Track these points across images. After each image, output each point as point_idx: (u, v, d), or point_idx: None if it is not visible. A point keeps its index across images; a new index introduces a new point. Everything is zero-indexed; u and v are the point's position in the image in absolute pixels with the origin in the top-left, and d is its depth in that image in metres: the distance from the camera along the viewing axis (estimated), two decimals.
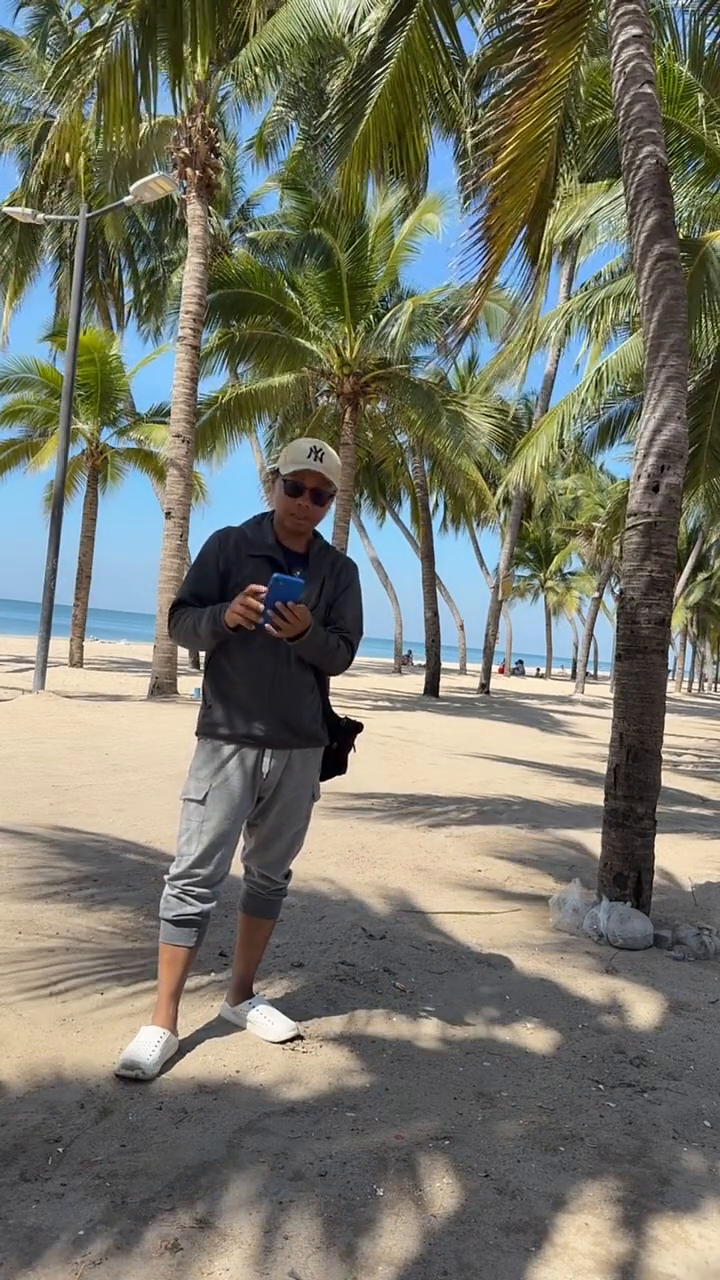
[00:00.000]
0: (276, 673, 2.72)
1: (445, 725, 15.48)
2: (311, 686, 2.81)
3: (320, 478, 2.69)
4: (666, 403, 4.53)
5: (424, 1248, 1.92)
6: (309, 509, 2.72)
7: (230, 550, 2.76)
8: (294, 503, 2.71)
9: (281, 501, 2.74)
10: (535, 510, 33.83)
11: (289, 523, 2.76)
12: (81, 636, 22.01)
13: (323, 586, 2.79)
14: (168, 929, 2.71)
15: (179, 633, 2.76)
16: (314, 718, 2.83)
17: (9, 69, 19.40)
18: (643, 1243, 2.02)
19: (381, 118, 7.15)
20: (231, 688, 2.74)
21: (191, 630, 2.69)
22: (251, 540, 2.78)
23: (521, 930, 4.22)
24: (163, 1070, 2.57)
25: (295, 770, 2.80)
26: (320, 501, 2.72)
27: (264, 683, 2.72)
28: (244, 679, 2.73)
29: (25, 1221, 1.89)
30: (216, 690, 2.77)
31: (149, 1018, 2.80)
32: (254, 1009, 2.89)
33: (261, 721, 2.72)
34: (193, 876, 2.68)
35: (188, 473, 14.88)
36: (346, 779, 3.36)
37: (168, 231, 22.68)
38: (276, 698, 2.73)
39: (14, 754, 8.05)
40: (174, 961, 2.71)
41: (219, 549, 2.77)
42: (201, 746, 2.77)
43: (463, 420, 18.25)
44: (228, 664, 2.75)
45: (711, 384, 11.15)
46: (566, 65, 5.85)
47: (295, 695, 2.76)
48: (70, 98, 9.93)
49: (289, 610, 2.49)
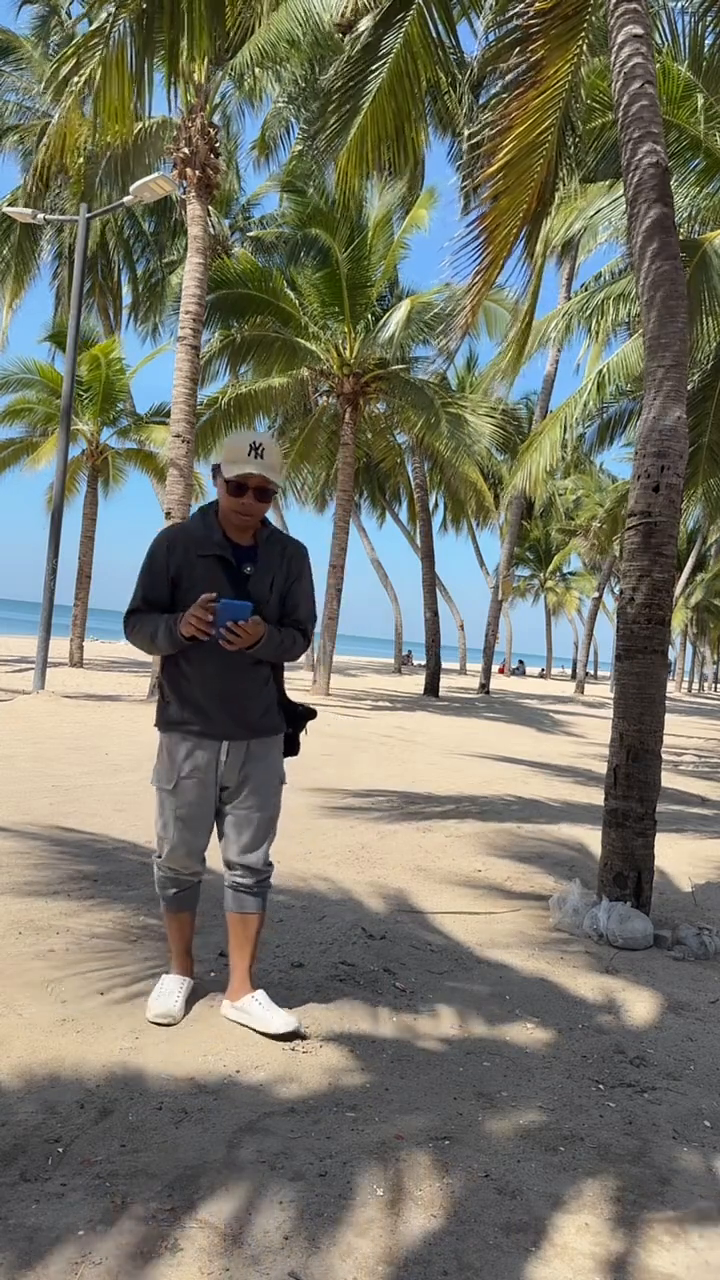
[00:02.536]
0: (230, 673, 2.81)
1: (445, 725, 15.48)
2: (266, 680, 2.91)
3: (261, 478, 2.74)
4: (666, 402, 4.53)
5: (424, 1248, 1.92)
6: (252, 506, 2.78)
7: (179, 553, 2.81)
8: (238, 501, 2.76)
9: (225, 500, 2.79)
10: (535, 510, 33.87)
11: (235, 520, 2.80)
12: (81, 636, 21.99)
13: (274, 580, 2.86)
14: (167, 902, 3.01)
15: (137, 640, 2.85)
16: (268, 709, 2.92)
17: (9, 69, 19.36)
18: (643, 1242, 2.02)
19: (379, 112, 7.15)
20: (188, 685, 2.84)
21: (149, 639, 2.79)
22: (199, 539, 2.82)
23: (521, 930, 4.22)
24: (163, 1068, 2.57)
25: (256, 758, 2.89)
26: (264, 498, 2.78)
27: (218, 680, 2.81)
28: (198, 677, 2.82)
29: (25, 1221, 1.89)
30: (173, 688, 2.88)
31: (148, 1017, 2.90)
32: (254, 1003, 2.93)
33: (217, 717, 2.82)
34: (176, 855, 2.92)
35: (188, 473, 14.87)
36: (347, 778, 3.37)
37: (167, 231, 22.67)
38: (230, 694, 2.82)
39: (14, 754, 8.05)
40: (180, 925, 3.04)
41: (167, 554, 2.83)
42: (165, 740, 2.90)
43: (463, 422, 18.23)
44: (184, 662, 2.84)
45: (711, 384, 11.16)
46: (565, 66, 5.86)
47: (249, 691, 2.86)
48: (67, 96, 9.89)
49: (239, 627, 2.61)
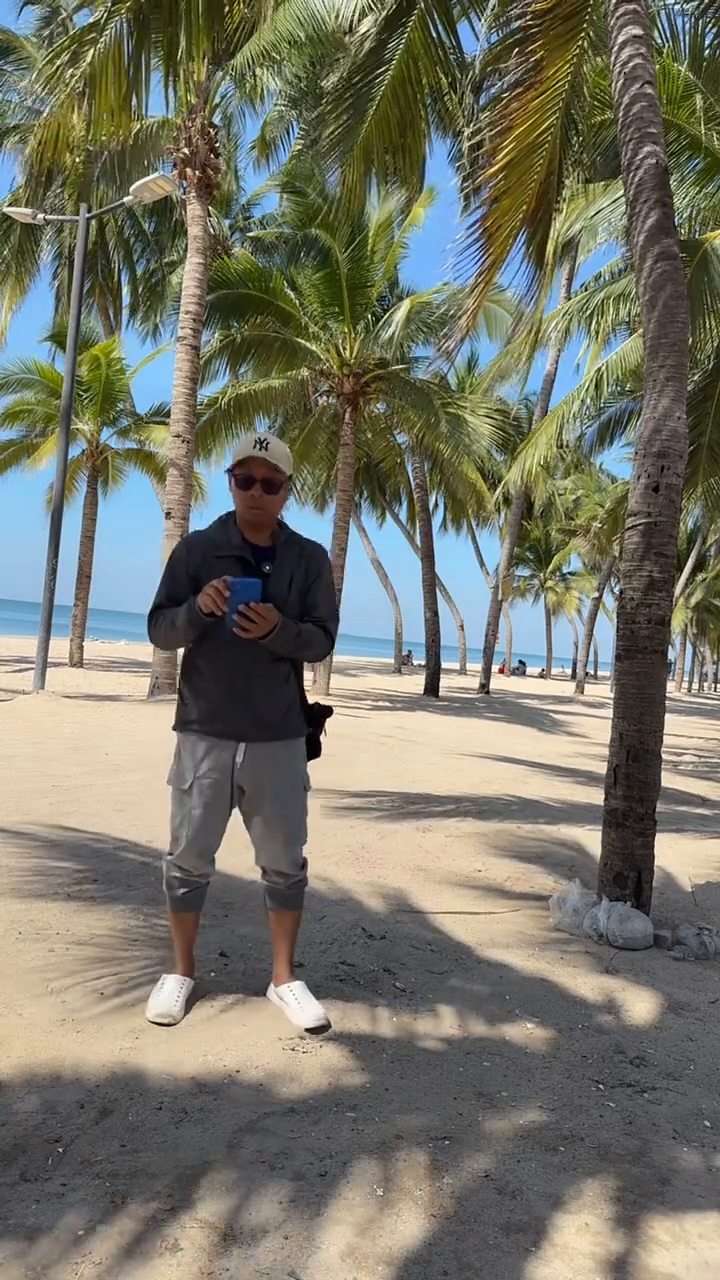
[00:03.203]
0: (248, 669, 2.79)
1: (445, 725, 15.48)
2: (285, 678, 2.88)
3: (267, 466, 2.74)
4: (666, 402, 4.53)
5: (424, 1248, 1.92)
6: (262, 499, 2.77)
7: (198, 555, 2.84)
8: (247, 495, 2.77)
9: (237, 497, 2.80)
10: (535, 510, 33.84)
11: (248, 516, 2.81)
12: (81, 636, 21.99)
13: (292, 578, 2.84)
14: (174, 901, 3.00)
15: (158, 633, 2.85)
16: (288, 710, 2.90)
17: (10, 68, 19.35)
18: (642, 1242, 2.02)
19: (382, 117, 7.16)
20: (204, 684, 2.84)
21: (170, 625, 2.79)
22: (217, 542, 2.85)
23: (521, 930, 4.22)
24: (163, 1068, 2.57)
25: (277, 761, 2.87)
26: (272, 490, 2.77)
27: (235, 679, 2.80)
28: (216, 676, 2.82)
29: (25, 1221, 1.89)
30: (191, 687, 2.88)
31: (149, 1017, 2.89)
32: (290, 993, 3.00)
33: (234, 717, 2.81)
34: (188, 855, 2.92)
35: (188, 473, 14.87)
36: (347, 778, 3.37)
37: (167, 231, 22.66)
38: (248, 693, 2.81)
39: (14, 754, 8.05)
40: (184, 926, 3.03)
41: (186, 555, 2.87)
42: (181, 740, 2.90)
43: (462, 423, 18.23)
44: (201, 662, 2.84)
45: (711, 384, 11.16)
46: (565, 66, 5.86)
47: (268, 690, 2.83)
48: (61, 89, 9.84)
49: (253, 611, 2.57)
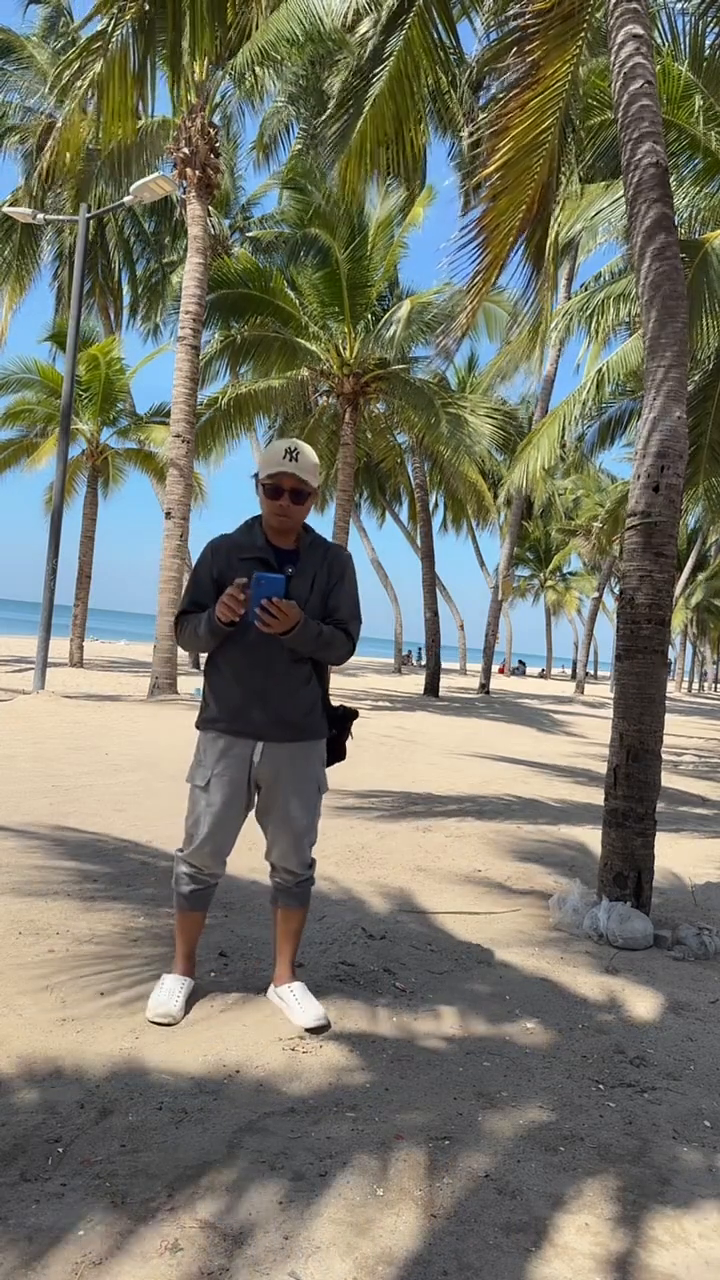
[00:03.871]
0: (269, 668, 2.82)
1: (445, 725, 15.48)
2: (307, 679, 2.90)
3: (296, 478, 2.78)
4: (666, 402, 4.53)
5: (424, 1248, 1.92)
6: (290, 508, 2.82)
7: (222, 558, 2.89)
8: (275, 504, 2.81)
9: (264, 505, 2.85)
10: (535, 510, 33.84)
11: (274, 523, 2.85)
12: (81, 636, 22.00)
13: (315, 579, 2.87)
14: (181, 899, 2.99)
15: (184, 638, 2.91)
16: (310, 711, 2.92)
17: (11, 68, 19.35)
18: (643, 1242, 2.02)
19: (379, 116, 7.16)
20: (224, 683, 2.88)
21: (194, 634, 2.85)
22: (242, 545, 2.90)
23: (522, 930, 4.22)
24: (163, 1068, 2.57)
25: (294, 762, 2.89)
26: (300, 501, 2.82)
27: (257, 678, 2.83)
28: (237, 675, 2.85)
29: (25, 1221, 1.89)
30: (213, 686, 2.92)
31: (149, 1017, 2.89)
32: (290, 993, 3.01)
33: (254, 716, 2.84)
34: (200, 853, 2.92)
35: (188, 473, 14.87)
36: (347, 778, 3.39)
37: (168, 231, 22.67)
38: (269, 692, 2.83)
39: (14, 754, 8.05)
40: (189, 925, 3.03)
41: (211, 558, 2.92)
42: (202, 738, 2.94)
43: (462, 423, 18.23)
44: (223, 661, 2.88)
45: (711, 384, 11.16)
46: (564, 66, 5.85)
47: (289, 690, 2.85)
48: (71, 99, 9.96)
49: (275, 606, 2.58)
